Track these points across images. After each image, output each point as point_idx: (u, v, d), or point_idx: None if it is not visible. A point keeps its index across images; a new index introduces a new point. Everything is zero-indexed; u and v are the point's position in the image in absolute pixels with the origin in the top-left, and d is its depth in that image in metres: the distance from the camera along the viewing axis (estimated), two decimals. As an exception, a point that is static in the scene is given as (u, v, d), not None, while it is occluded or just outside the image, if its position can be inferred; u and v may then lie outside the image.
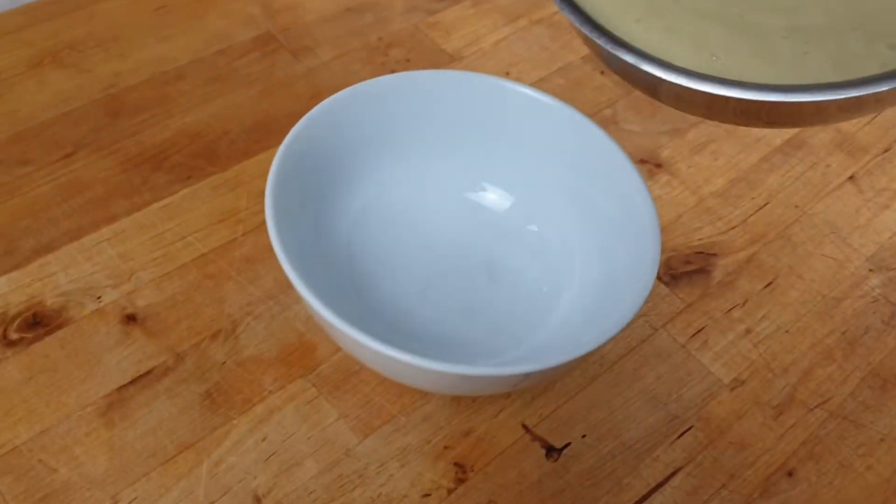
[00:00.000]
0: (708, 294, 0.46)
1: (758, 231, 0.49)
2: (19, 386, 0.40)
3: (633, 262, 0.39)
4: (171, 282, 0.44)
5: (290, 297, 0.44)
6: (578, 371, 0.43)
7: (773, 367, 0.43)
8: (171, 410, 0.39)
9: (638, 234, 0.39)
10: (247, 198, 0.48)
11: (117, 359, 0.41)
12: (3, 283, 0.43)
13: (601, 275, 0.40)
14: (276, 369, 0.41)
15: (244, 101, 0.53)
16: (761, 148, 0.54)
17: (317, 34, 0.58)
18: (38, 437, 0.38)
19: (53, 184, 0.48)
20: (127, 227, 0.46)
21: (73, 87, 0.53)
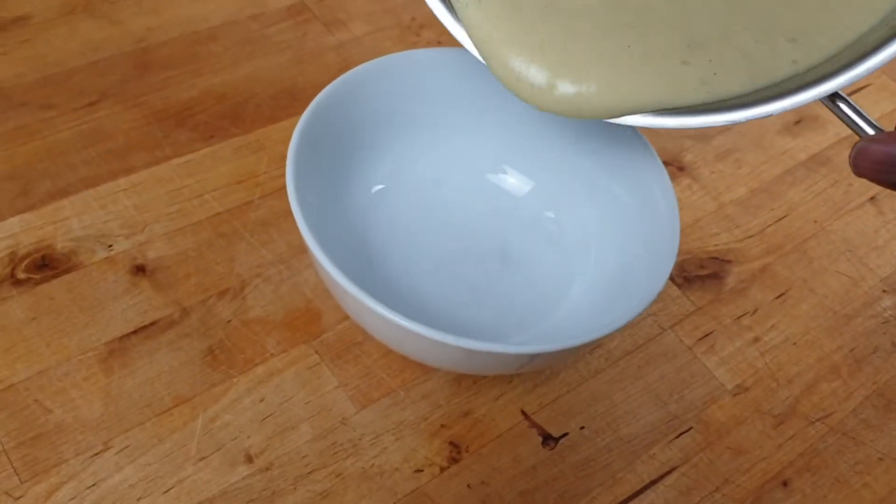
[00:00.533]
0: (719, 299, 0.46)
1: (774, 242, 0.49)
2: (22, 325, 0.40)
3: (648, 258, 0.38)
4: (184, 237, 0.44)
5: (302, 262, 0.44)
6: (583, 363, 0.42)
7: (778, 377, 0.43)
8: (171, 363, 0.39)
9: (656, 231, 0.39)
10: (267, 162, 0.48)
11: (122, 307, 0.41)
12: (14, 223, 0.43)
13: (615, 268, 0.40)
14: (280, 332, 0.41)
15: (273, 67, 0.53)
16: (785, 161, 0.54)
17: (351, 9, 0.58)
18: (35, 377, 0.38)
19: (75, 130, 0.48)
20: (145, 179, 0.46)
21: (104, 37, 0.53)
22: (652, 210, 0.39)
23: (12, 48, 0.51)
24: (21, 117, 0.48)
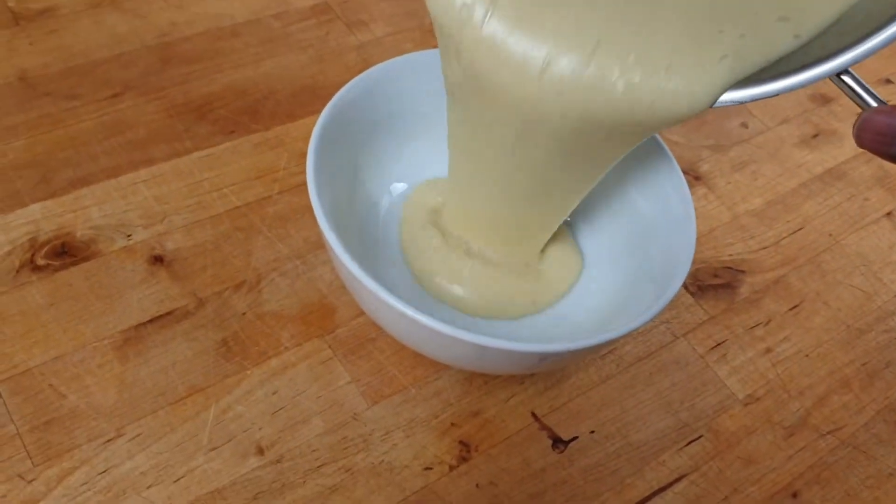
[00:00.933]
0: (732, 309, 0.46)
1: (789, 254, 0.49)
2: (40, 310, 0.40)
3: (663, 264, 0.38)
4: (203, 229, 0.44)
5: (318, 258, 0.44)
6: (594, 368, 0.42)
7: (790, 389, 0.43)
8: (185, 353, 0.40)
9: (673, 238, 0.39)
10: (286, 158, 0.48)
11: (139, 296, 0.41)
12: (36, 210, 0.44)
13: (629, 272, 0.40)
14: (294, 326, 0.41)
15: (294, 65, 0.53)
16: (802, 174, 0.54)
17: (373, 10, 0.58)
18: (51, 363, 0.38)
19: (98, 121, 0.48)
20: (165, 171, 0.46)
21: (129, 30, 0.53)
22: (669, 217, 0.39)
23: (39, 38, 0.52)
24: (45, 107, 0.48)
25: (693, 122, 0.55)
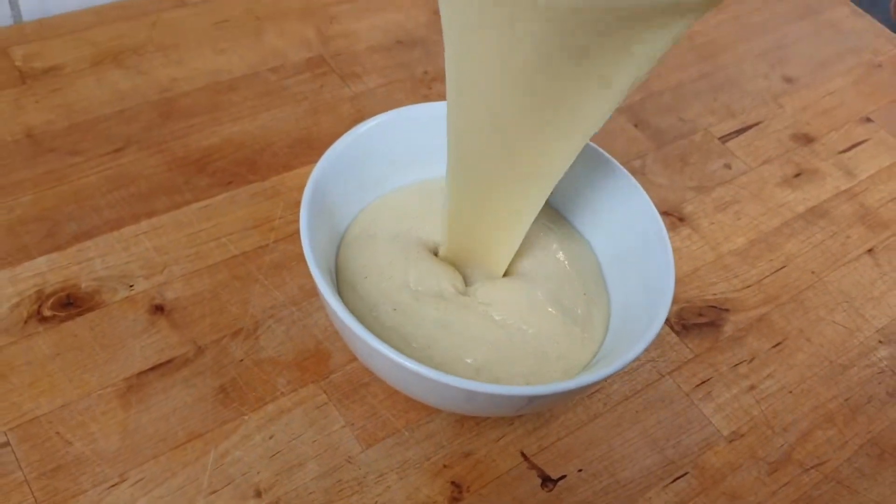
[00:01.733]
0: (716, 347, 0.47)
1: (772, 292, 0.50)
2: (46, 360, 0.42)
3: (646, 305, 0.40)
4: (201, 278, 0.46)
5: (313, 304, 0.45)
6: (582, 407, 0.44)
7: (773, 425, 0.44)
8: (185, 400, 0.41)
9: (652, 280, 0.40)
10: (282, 207, 0.50)
11: (141, 345, 0.43)
12: (42, 263, 0.45)
13: (613, 314, 0.42)
14: (290, 372, 0.43)
15: (290, 117, 0.55)
16: (784, 213, 0.55)
17: (366, 62, 0.60)
18: (58, 411, 0.40)
19: (101, 175, 0.50)
20: (165, 222, 0.48)
21: (130, 87, 0.56)
22: (648, 259, 0.41)
23: (44, 96, 0.54)
24: (50, 162, 0.50)
25: (676, 165, 0.57)
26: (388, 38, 0.63)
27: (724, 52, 0.67)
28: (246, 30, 0.61)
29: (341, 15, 0.64)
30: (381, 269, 0.41)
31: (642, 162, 0.57)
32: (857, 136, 0.62)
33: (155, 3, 0.62)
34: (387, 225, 0.43)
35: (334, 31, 0.62)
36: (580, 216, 0.46)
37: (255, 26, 0.61)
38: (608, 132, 0.58)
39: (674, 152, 0.58)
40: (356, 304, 0.40)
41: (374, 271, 0.41)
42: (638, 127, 0.59)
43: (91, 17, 0.60)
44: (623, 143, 0.58)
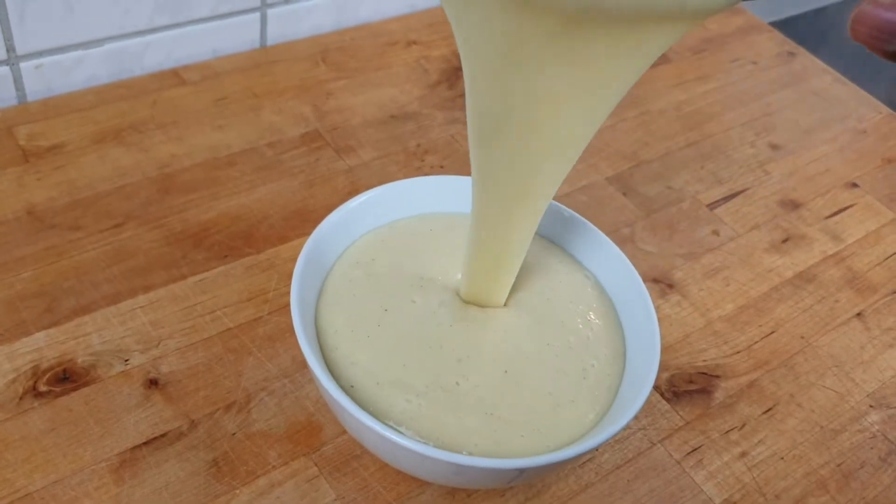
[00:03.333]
0: (707, 414, 0.47)
1: (762, 358, 0.51)
2: (41, 435, 0.42)
3: (634, 374, 0.40)
4: (196, 352, 0.47)
5: (304, 376, 0.46)
6: (573, 477, 0.44)
7: (766, 492, 0.44)
8: (178, 474, 0.41)
9: (639, 350, 0.41)
10: (277, 279, 0.51)
11: (135, 419, 0.43)
12: (40, 338, 0.46)
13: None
14: (282, 445, 0.43)
15: (287, 190, 0.57)
16: (772, 278, 0.56)
17: (361, 136, 0.62)
18: (51, 486, 0.40)
19: (100, 250, 0.51)
20: (162, 296, 0.49)
21: (131, 163, 0.57)
22: (635, 329, 0.42)
23: (46, 174, 0.55)
24: (51, 238, 0.51)
25: (665, 233, 0.58)
26: (383, 112, 0.64)
27: (710, 120, 0.69)
28: (244, 106, 0.63)
29: (337, 91, 0.65)
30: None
31: (631, 230, 0.58)
32: (843, 201, 0.63)
33: (156, 81, 0.64)
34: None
35: (330, 106, 0.64)
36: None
37: (253, 103, 0.63)
38: (597, 201, 0.60)
39: (662, 220, 0.59)
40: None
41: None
42: (627, 195, 0.60)
43: (93, 97, 0.62)
44: (612, 211, 0.59)
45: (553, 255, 0.46)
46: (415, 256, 0.45)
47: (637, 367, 0.40)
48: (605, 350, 0.42)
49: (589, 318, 0.43)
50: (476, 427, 0.38)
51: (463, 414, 0.38)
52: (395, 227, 0.46)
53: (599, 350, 0.42)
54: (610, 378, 0.41)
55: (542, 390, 0.39)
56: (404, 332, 0.41)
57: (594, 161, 0.63)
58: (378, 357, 0.40)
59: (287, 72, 0.67)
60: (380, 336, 0.40)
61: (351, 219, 0.45)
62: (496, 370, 0.40)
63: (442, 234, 0.46)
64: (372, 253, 0.45)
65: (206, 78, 0.65)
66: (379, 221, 0.46)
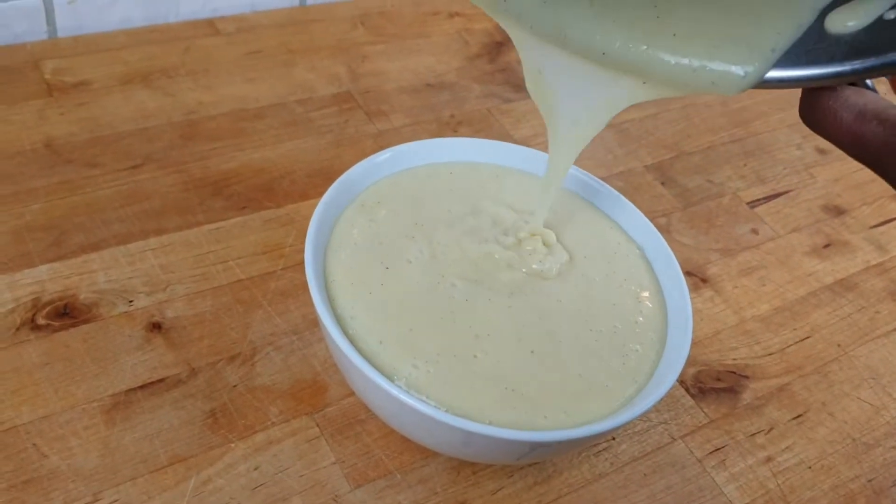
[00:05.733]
0: (733, 414, 0.45)
1: (795, 362, 0.48)
2: (34, 369, 0.40)
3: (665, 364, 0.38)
4: (204, 300, 0.45)
5: (315, 335, 0.44)
6: (587, 465, 0.41)
7: (790, 501, 0.41)
8: (172, 421, 0.39)
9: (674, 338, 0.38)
10: (295, 235, 0.49)
11: (133, 362, 0.41)
12: (43, 271, 0.44)
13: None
14: (284, 402, 0.41)
15: (313, 148, 0.55)
16: (811, 283, 0.53)
17: (394, 101, 0.60)
18: (38, 422, 0.38)
19: (115, 189, 0.49)
20: (175, 241, 0.47)
21: (156, 107, 0.55)
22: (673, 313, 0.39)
23: (69, 109, 0.54)
24: (66, 173, 0.50)
25: (702, 226, 0.55)
26: (419, 80, 0.62)
27: (757, 119, 0.66)
28: (277, 61, 0.61)
29: (374, 55, 0.63)
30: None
31: (667, 220, 0.55)
32: (889, 211, 0.60)
33: (190, 29, 0.62)
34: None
35: (365, 69, 0.62)
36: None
37: (287, 59, 0.61)
38: (634, 187, 0.57)
39: (700, 213, 0.56)
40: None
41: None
42: (665, 185, 0.58)
43: (125, 38, 0.60)
44: (649, 199, 0.56)
45: (608, 228, 0.43)
46: (431, 199, 0.42)
47: (670, 356, 0.38)
48: (651, 335, 0.39)
49: (640, 300, 0.40)
50: (492, 401, 0.35)
51: (479, 386, 0.35)
52: (413, 171, 0.44)
53: (646, 335, 0.39)
54: (651, 364, 0.38)
55: (571, 372, 0.36)
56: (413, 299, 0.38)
57: (633, 148, 0.60)
58: (381, 317, 0.37)
59: (324, 32, 0.65)
60: (383, 295, 0.37)
61: (378, 171, 0.42)
62: (521, 349, 0.37)
63: (463, 176, 0.44)
64: (380, 196, 0.42)
65: (241, 30, 0.63)
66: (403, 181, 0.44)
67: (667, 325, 0.39)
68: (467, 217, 0.42)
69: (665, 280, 0.41)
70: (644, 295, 0.40)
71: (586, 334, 0.38)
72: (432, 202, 0.42)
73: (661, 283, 0.41)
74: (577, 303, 0.39)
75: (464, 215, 0.42)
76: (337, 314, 0.36)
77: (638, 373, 0.37)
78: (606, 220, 0.44)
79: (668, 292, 0.40)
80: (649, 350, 0.38)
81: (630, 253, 0.42)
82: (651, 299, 0.40)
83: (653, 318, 0.39)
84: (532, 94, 0.37)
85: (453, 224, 0.41)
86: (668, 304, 0.40)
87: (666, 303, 0.40)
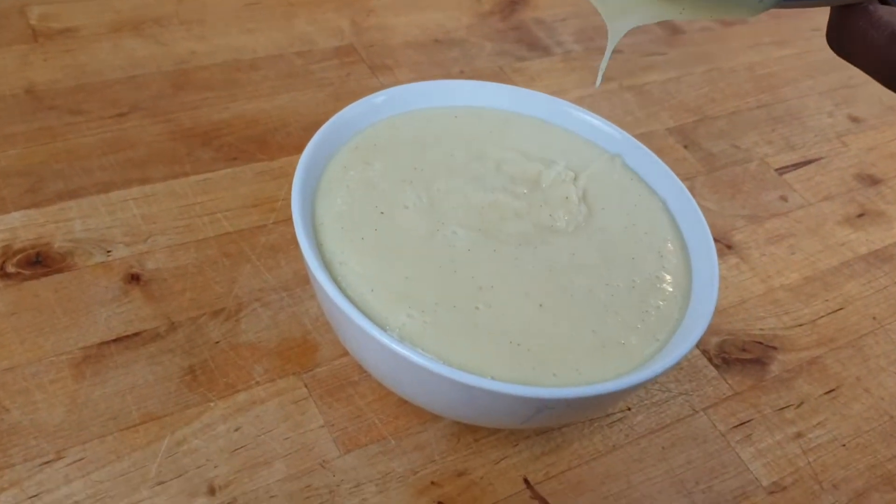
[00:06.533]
0: (760, 387, 0.41)
1: (827, 334, 0.44)
2: (0, 318, 0.37)
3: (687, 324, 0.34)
4: (187, 252, 0.41)
5: (306, 292, 0.40)
6: (599, 436, 0.38)
7: (822, 480, 0.38)
8: (147, 377, 0.36)
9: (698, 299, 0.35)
10: (287, 189, 0.45)
11: (108, 314, 0.38)
12: (16, 218, 0.41)
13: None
14: (270, 360, 0.37)
15: (311, 101, 0.51)
16: (844, 253, 0.49)
17: (399, 56, 0.56)
18: (0, 373, 0.35)
19: (99, 137, 0.46)
20: (159, 191, 0.44)
21: (146, 55, 0.52)
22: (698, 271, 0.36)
23: (54, 55, 0.51)
24: (47, 119, 0.47)
25: (727, 191, 0.51)
26: (426, 35, 0.59)
27: (785, 85, 0.62)
28: (276, 13, 0.58)
29: (380, 8, 0.60)
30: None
31: (691, 184, 0.51)
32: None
33: (186, -21, 0.59)
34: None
35: (370, 23, 0.59)
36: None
37: (287, 11, 0.58)
38: (656, 150, 0.53)
39: (725, 178, 0.53)
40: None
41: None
42: (688, 148, 0.54)
43: (117, -14, 0.57)
44: (671, 163, 0.53)
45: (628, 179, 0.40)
46: (432, 144, 0.39)
47: (695, 311, 0.34)
48: (674, 290, 0.35)
49: (663, 254, 0.36)
50: (496, 356, 0.31)
51: (481, 339, 0.31)
52: (413, 114, 0.40)
53: (669, 290, 0.35)
54: (675, 322, 0.34)
55: (585, 328, 0.33)
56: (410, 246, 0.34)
57: (655, 110, 0.57)
58: (374, 263, 0.33)
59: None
60: (376, 241, 0.34)
61: (375, 112, 0.39)
62: (529, 302, 0.33)
63: (467, 121, 0.40)
64: (376, 139, 0.39)
65: (240, -18, 0.60)
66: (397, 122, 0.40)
67: (691, 281, 0.35)
68: (471, 163, 0.38)
69: (689, 234, 0.37)
70: (668, 248, 0.36)
71: (602, 289, 0.34)
72: (433, 146, 0.39)
73: (685, 236, 0.37)
74: (592, 256, 0.35)
75: (467, 161, 0.38)
76: (325, 259, 0.33)
77: (659, 330, 0.33)
78: (626, 171, 0.40)
79: (692, 247, 0.37)
80: (672, 307, 0.34)
81: (652, 205, 0.38)
82: (675, 253, 0.36)
83: (676, 272, 0.36)
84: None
85: (455, 170, 0.37)
86: (692, 258, 0.36)
87: (690, 257, 0.36)
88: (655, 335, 0.33)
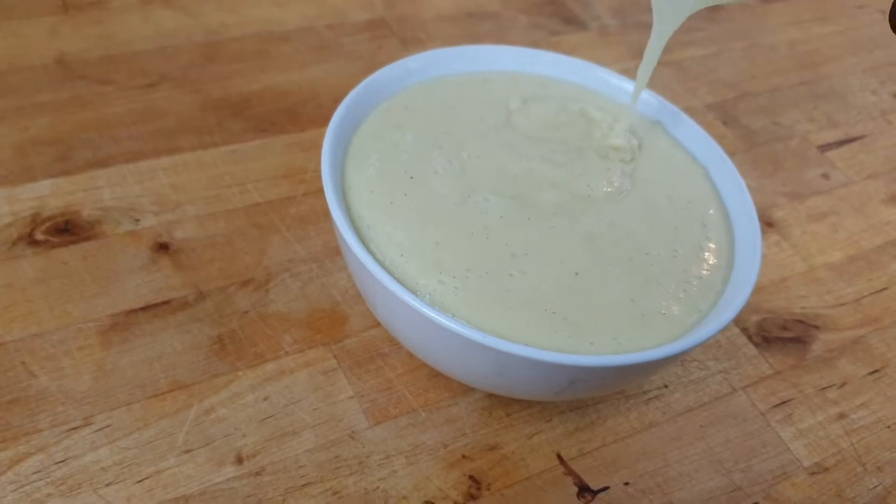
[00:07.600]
0: (801, 366, 0.40)
1: (871, 314, 0.43)
2: (29, 285, 0.37)
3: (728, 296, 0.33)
4: (216, 222, 0.41)
5: (336, 264, 0.40)
6: (635, 413, 0.37)
7: (865, 462, 0.36)
8: (175, 346, 0.36)
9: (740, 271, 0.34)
10: (317, 161, 0.45)
11: (136, 282, 0.38)
12: (45, 186, 0.41)
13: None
14: (299, 330, 0.37)
15: (342, 73, 0.51)
16: (889, 232, 0.48)
17: (431, 29, 0.56)
18: (29, 339, 0.35)
19: (128, 107, 0.46)
20: (188, 160, 0.43)
21: (177, 26, 0.52)
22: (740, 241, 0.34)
23: (84, 26, 0.50)
24: (77, 89, 0.46)
25: (768, 168, 0.50)
26: (459, 9, 0.58)
27: (828, 62, 0.61)
28: (308, -14, 0.57)
29: (411, -18, 0.59)
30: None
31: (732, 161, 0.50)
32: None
33: (217, -49, 0.58)
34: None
35: (402, -3, 0.58)
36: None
37: (318, -16, 0.57)
38: (692, 126, 0.52)
39: (765, 155, 0.51)
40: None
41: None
42: (727, 125, 0.53)
43: (148, -42, 0.56)
44: (708, 138, 0.51)
45: (671, 146, 0.39)
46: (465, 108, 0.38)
47: (738, 281, 0.33)
48: (717, 261, 0.34)
49: (706, 224, 0.35)
50: (530, 324, 0.30)
51: (514, 306, 0.30)
52: (445, 79, 0.39)
53: (712, 260, 0.34)
54: (717, 293, 0.33)
55: (623, 296, 0.32)
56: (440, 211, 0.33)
57: (693, 86, 0.55)
58: (404, 227, 0.32)
59: (360, -41, 0.61)
60: (406, 205, 0.33)
61: (408, 77, 0.38)
62: (565, 270, 0.32)
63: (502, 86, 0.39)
64: (408, 102, 0.38)
65: (271, -46, 0.59)
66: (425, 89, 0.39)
67: (734, 251, 0.34)
68: (504, 129, 0.37)
69: (732, 203, 0.36)
70: (711, 217, 0.35)
71: (642, 258, 0.33)
72: (466, 111, 0.38)
73: (727, 205, 0.36)
74: (633, 225, 0.34)
75: (500, 127, 0.37)
76: (354, 223, 0.32)
77: (702, 300, 0.32)
78: (668, 137, 0.39)
79: (735, 217, 0.35)
80: (716, 277, 0.33)
81: (695, 173, 0.37)
82: (717, 223, 0.35)
83: (719, 243, 0.34)
84: None
85: (487, 136, 0.36)
86: (735, 229, 0.35)
87: (733, 227, 0.35)
88: (698, 306, 0.32)
